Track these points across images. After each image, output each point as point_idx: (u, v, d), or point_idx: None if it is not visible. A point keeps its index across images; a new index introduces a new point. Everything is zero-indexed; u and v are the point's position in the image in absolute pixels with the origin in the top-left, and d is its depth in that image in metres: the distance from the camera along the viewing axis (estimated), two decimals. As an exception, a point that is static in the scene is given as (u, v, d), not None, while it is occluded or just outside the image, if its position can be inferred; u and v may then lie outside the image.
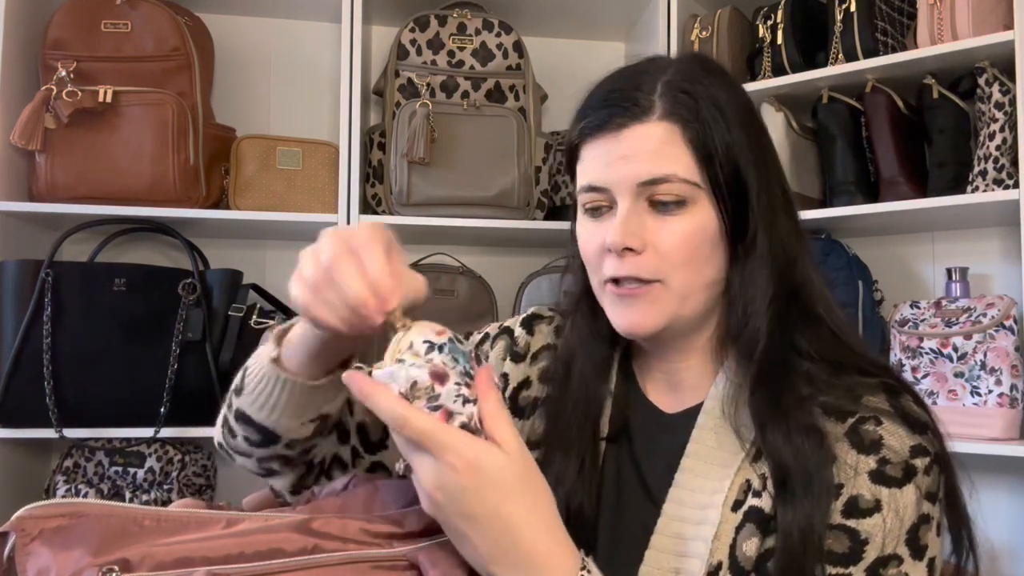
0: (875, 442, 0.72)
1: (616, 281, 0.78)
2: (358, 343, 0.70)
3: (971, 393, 1.59)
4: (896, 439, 0.72)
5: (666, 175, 0.75)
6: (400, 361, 0.59)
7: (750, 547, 0.72)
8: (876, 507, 0.70)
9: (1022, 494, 1.71)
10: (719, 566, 0.72)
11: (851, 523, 0.70)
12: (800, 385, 0.75)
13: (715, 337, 0.83)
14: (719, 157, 0.76)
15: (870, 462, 0.72)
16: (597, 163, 0.78)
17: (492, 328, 0.97)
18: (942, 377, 1.62)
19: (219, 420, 0.79)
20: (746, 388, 0.77)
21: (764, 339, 0.77)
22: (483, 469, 0.59)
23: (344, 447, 0.81)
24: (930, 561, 0.71)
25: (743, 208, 0.78)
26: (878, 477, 0.71)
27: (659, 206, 0.76)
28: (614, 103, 0.78)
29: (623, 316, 0.78)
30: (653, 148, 0.76)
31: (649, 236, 0.76)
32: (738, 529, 0.73)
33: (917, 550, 0.71)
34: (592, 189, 0.79)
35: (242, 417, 0.74)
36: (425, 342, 0.60)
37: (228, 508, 0.67)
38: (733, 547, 0.72)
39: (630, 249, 0.76)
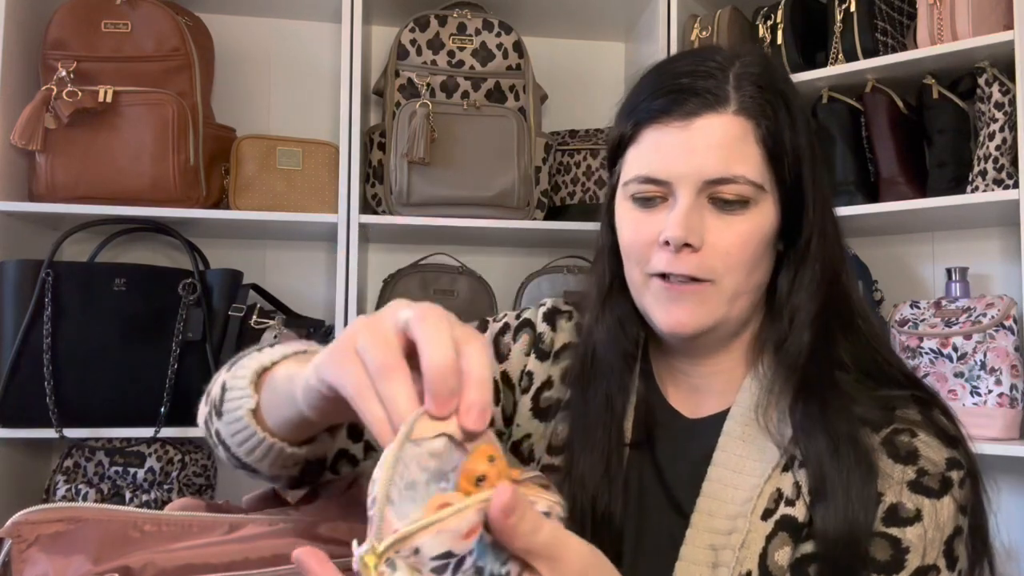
0: (912, 453, 0.71)
1: (663, 276, 0.75)
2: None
3: (971, 393, 1.59)
4: (933, 451, 0.72)
5: (734, 175, 0.72)
6: (389, 562, 0.40)
7: (782, 556, 0.71)
8: (917, 516, 0.70)
9: (1022, 494, 1.71)
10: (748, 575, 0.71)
11: (893, 531, 0.69)
12: (840, 396, 0.74)
13: (749, 342, 0.81)
14: (787, 159, 0.74)
15: (909, 472, 0.71)
16: (659, 153, 0.74)
17: (510, 318, 0.91)
18: (942, 377, 1.62)
19: (201, 419, 0.67)
20: (786, 396, 0.75)
21: (808, 349, 0.75)
22: None
23: (356, 444, 0.76)
24: (959, 572, 0.72)
25: (799, 213, 0.76)
26: (917, 487, 0.70)
27: (721, 204, 0.73)
28: (685, 88, 0.74)
29: (669, 313, 0.75)
30: (725, 144, 0.72)
31: (708, 234, 0.73)
32: (769, 538, 0.71)
33: (951, 561, 0.71)
34: (649, 180, 0.74)
35: (223, 444, 0.62)
36: (438, 557, 0.40)
37: (228, 506, 0.65)
38: (764, 556, 0.71)
39: (689, 245, 0.72)
